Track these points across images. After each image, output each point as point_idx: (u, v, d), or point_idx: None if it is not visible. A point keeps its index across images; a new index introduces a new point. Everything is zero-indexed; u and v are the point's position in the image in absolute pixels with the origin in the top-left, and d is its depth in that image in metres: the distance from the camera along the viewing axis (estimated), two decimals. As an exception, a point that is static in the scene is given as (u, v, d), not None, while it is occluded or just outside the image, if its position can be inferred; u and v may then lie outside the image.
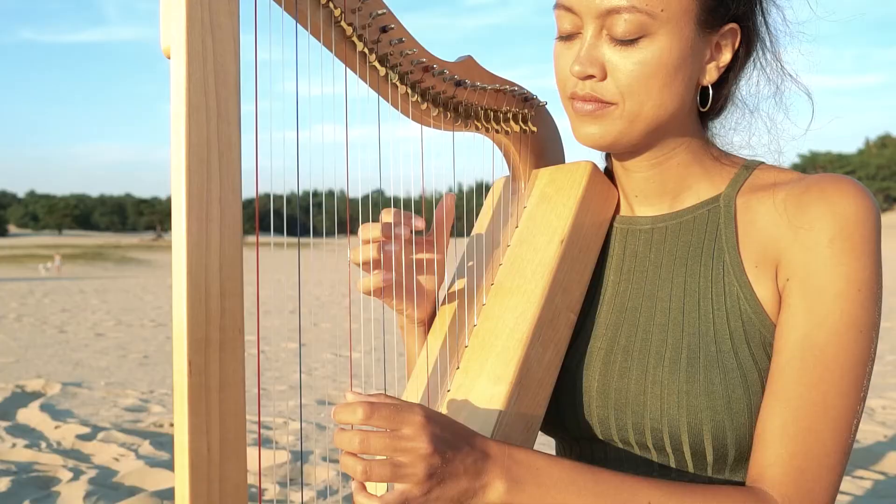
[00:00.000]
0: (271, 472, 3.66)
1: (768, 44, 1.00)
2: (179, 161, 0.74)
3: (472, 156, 1.11)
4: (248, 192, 0.78)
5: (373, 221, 1.03)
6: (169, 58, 0.75)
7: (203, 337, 0.75)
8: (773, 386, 0.90)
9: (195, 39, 0.73)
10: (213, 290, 0.76)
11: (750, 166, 1.03)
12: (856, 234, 0.89)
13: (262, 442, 4.13)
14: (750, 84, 1.02)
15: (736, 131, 1.05)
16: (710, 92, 0.99)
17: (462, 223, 1.14)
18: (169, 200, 0.88)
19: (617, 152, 1.03)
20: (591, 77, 0.95)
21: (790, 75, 1.01)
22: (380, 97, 0.96)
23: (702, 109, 1.00)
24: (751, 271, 0.95)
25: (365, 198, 0.93)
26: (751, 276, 0.95)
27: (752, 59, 1.01)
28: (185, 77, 0.74)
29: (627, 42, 0.92)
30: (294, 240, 0.87)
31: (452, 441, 0.81)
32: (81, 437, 4.46)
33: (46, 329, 10.93)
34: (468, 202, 1.13)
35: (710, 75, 0.98)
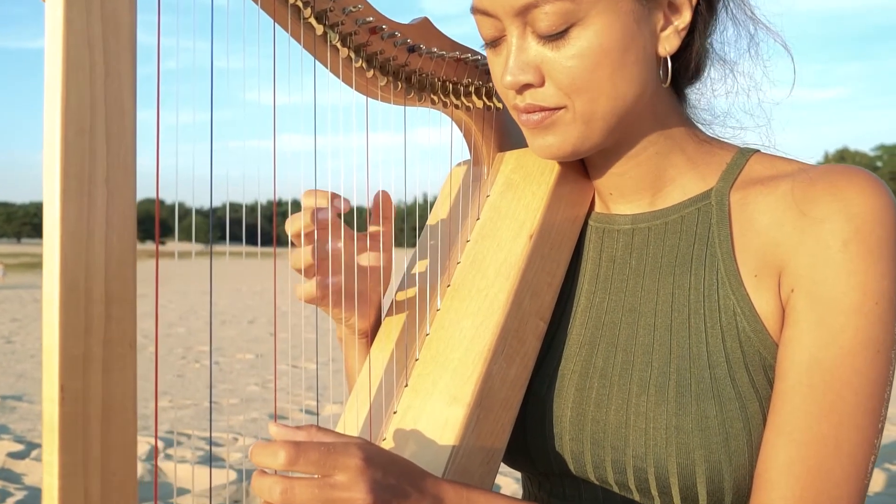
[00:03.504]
0: (216, 492, 3.54)
1: None
2: (53, 128, 0.61)
3: (437, 156, 1.01)
4: (202, 199, 0.72)
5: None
6: (44, 1, 0.62)
7: (81, 354, 0.62)
8: (776, 417, 0.78)
9: (77, -23, 0.61)
10: (96, 293, 0.62)
11: (744, 154, 0.90)
12: (872, 236, 0.77)
13: (210, 459, 4.01)
14: (723, 38, 0.90)
15: (716, 96, 0.93)
16: (670, 64, 0.86)
17: (416, 232, 1.04)
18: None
19: (583, 157, 0.92)
20: (527, 86, 0.84)
21: (763, 23, 0.89)
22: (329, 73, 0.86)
23: (664, 85, 0.88)
24: (749, 281, 0.83)
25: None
26: (749, 288, 0.83)
27: (718, 9, 0.88)
28: (62, 24, 0.61)
29: (556, 36, 0.81)
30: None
31: (397, 487, 0.70)
32: (14, 455, 4.33)
33: (-8, 339, 10.68)
34: (422, 211, 1.04)
35: (670, 43, 0.85)
